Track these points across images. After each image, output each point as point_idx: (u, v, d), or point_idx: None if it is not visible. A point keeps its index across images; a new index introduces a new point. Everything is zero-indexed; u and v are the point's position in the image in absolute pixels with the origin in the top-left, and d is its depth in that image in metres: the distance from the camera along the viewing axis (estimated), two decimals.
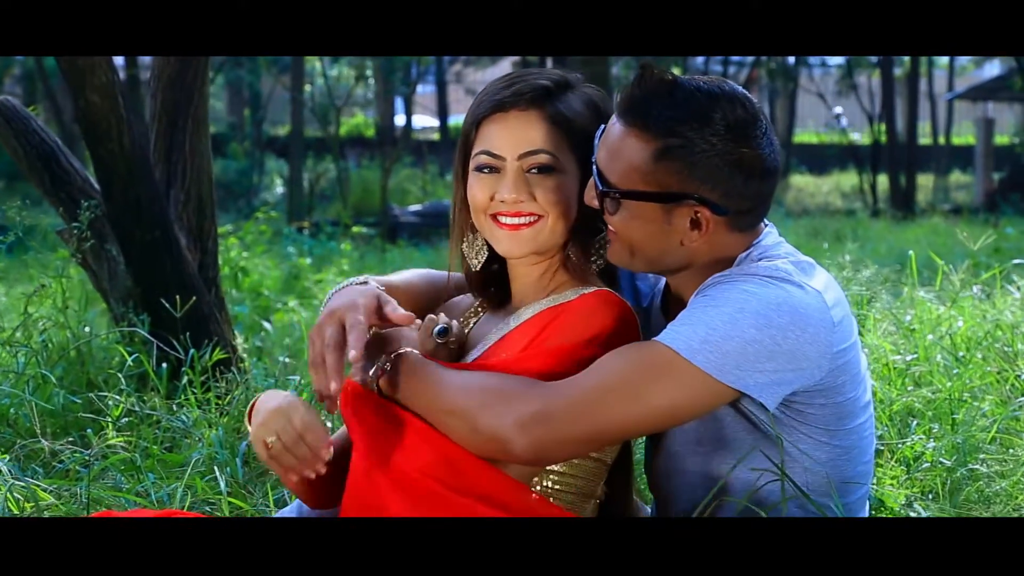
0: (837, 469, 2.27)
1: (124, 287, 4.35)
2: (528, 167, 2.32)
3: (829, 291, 2.21)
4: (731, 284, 2.17)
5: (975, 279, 5.16)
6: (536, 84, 2.33)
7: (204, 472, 3.17)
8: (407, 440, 2.20)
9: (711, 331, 2.10)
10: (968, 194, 27.76)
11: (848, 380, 2.23)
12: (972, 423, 3.38)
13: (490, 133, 2.35)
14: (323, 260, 11.53)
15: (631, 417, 2.12)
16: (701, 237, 2.23)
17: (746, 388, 2.12)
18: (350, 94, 22.09)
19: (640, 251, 2.27)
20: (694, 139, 2.17)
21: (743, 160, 2.19)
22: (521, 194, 2.32)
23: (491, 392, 2.16)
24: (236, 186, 23.03)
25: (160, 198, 4.33)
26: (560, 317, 2.28)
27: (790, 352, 2.11)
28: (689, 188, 2.19)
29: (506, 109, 2.33)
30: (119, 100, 4.07)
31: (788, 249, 2.29)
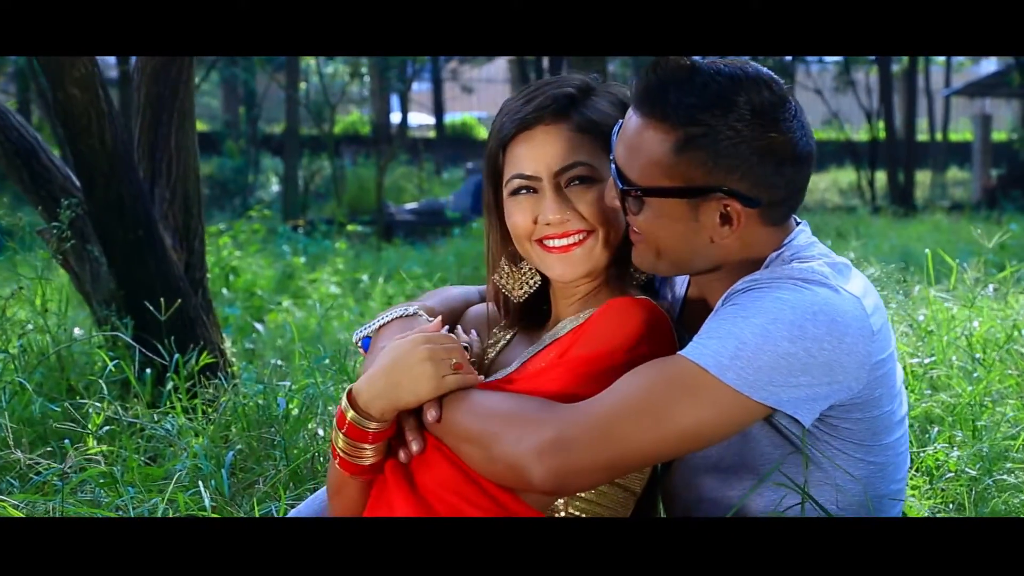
0: (871, 487, 2.10)
1: (107, 289, 4.17)
2: (567, 182, 2.17)
3: (868, 296, 2.04)
4: (762, 292, 2.00)
5: (988, 278, 5.00)
6: (557, 95, 2.18)
7: (188, 485, 3.00)
8: (427, 457, 2.09)
9: (742, 345, 1.93)
10: (966, 191, 27.66)
11: (885, 393, 2.06)
12: (995, 430, 3.21)
13: (519, 155, 2.20)
14: (318, 259, 11.42)
15: (655, 440, 1.95)
16: (732, 233, 2.07)
17: (779, 404, 1.95)
18: (344, 91, 21.91)
19: (667, 252, 2.11)
20: (718, 126, 2.00)
21: (772, 146, 2.02)
22: (566, 212, 2.17)
23: (507, 417, 2.00)
24: (232, 184, 22.93)
25: (144, 196, 4.15)
26: (584, 327, 2.13)
27: (826, 364, 1.95)
28: (716, 180, 2.02)
29: (531, 127, 2.19)
30: (99, 93, 3.90)
31: (822, 249, 2.12)
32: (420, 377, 2.04)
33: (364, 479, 2.17)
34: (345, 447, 2.11)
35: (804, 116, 2.08)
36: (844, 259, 2.11)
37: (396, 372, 2.05)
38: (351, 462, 2.13)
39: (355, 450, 2.11)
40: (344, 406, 2.09)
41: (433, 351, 2.06)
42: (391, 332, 2.24)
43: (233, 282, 8.31)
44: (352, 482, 2.18)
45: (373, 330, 2.32)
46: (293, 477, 3.12)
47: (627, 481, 2.13)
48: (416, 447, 2.08)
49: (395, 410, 2.07)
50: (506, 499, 2.03)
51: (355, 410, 2.08)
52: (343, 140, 27.21)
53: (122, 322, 4.05)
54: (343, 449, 2.12)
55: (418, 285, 8.49)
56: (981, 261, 5.51)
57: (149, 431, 3.38)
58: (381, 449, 2.12)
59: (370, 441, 2.10)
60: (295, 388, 3.64)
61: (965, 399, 3.39)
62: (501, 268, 2.33)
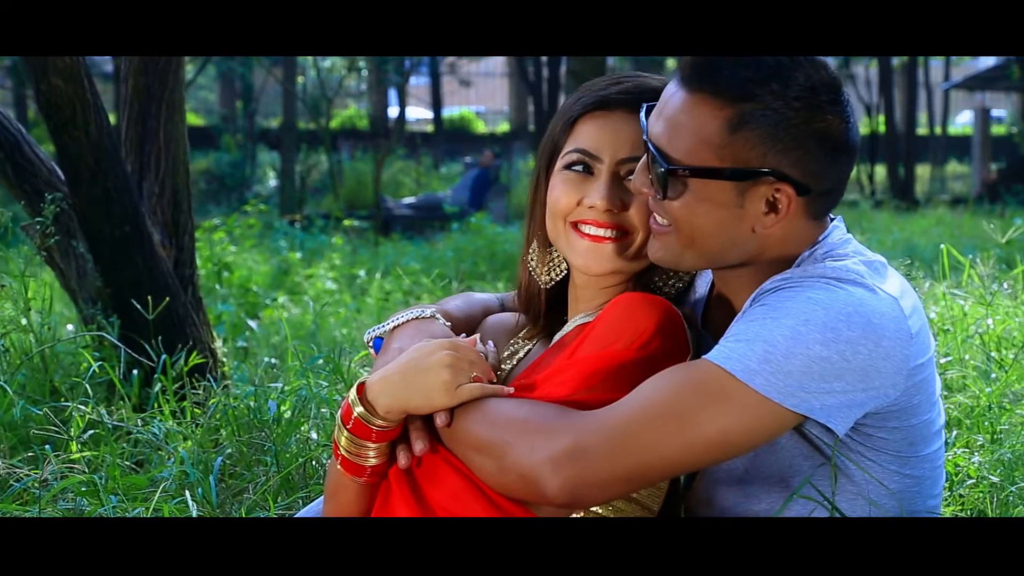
0: (907, 502, 1.96)
1: (93, 287, 4.03)
2: (627, 173, 2.04)
3: (905, 297, 1.90)
4: (793, 291, 1.86)
5: (1002, 275, 4.87)
6: (647, 86, 2.06)
7: (174, 493, 2.87)
8: (436, 469, 1.97)
9: (771, 348, 1.79)
10: (965, 184, 27.59)
11: (923, 400, 1.92)
12: (1016, 433, 3.08)
13: (588, 131, 2.08)
14: (314, 254, 11.31)
15: (679, 450, 1.81)
16: (777, 222, 1.93)
17: (812, 412, 1.80)
18: (342, 85, 21.79)
19: (701, 242, 1.95)
20: (775, 104, 1.86)
21: (828, 130, 1.89)
22: (614, 202, 2.04)
23: (520, 425, 1.86)
24: (229, 179, 22.88)
25: (131, 190, 4.01)
26: (592, 324, 2.00)
27: (862, 369, 1.81)
28: (769, 163, 1.88)
29: (611, 107, 2.06)
30: (84, 83, 3.75)
31: (856, 247, 1.98)
32: (435, 383, 1.93)
33: (364, 482, 2.04)
34: (348, 445, 2.00)
35: (853, 104, 1.96)
36: (880, 257, 1.98)
37: (412, 373, 1.94)
38: (353, 462, 2.01)
39: (358, 449, 1.99)
40: (352, 399, 1.97)
41: (455, 359, 1.94)
42: (406, 334, 2.13)
43: (227, 278, 8.18)
44: (352, 485, 2.06)
45: (386, 330, 2.20)
46: (284, 484, 2.99)
47: (644, 497, 2.00)
48: (419, 447, 1.95)
49: (403, 411, 1.95)
50: (518, 514, 1.91)
51: (363, 405, 1.96)
52: (340, 134, 27.13)
53: (108, 321, 3.92)
54: (346, 448, 2.00)
55: (415, 281, 8.38)
56: (990, 257, 5.37)
57: (135, 435, 3.25)
58: (384, 451, 2.00)
59: (374, 440, 1.98)
60: (287, 390, 3.50)
61: (984, 401, 3.27)
62: (533, 249, 2.22)
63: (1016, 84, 26.79)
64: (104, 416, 3.30)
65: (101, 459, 3.06)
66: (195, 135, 24.90)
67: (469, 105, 36.03)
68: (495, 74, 36.13)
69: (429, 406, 1.94)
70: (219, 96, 31.55)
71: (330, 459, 2.12)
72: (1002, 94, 33.82)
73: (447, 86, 34.62)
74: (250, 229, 11.04)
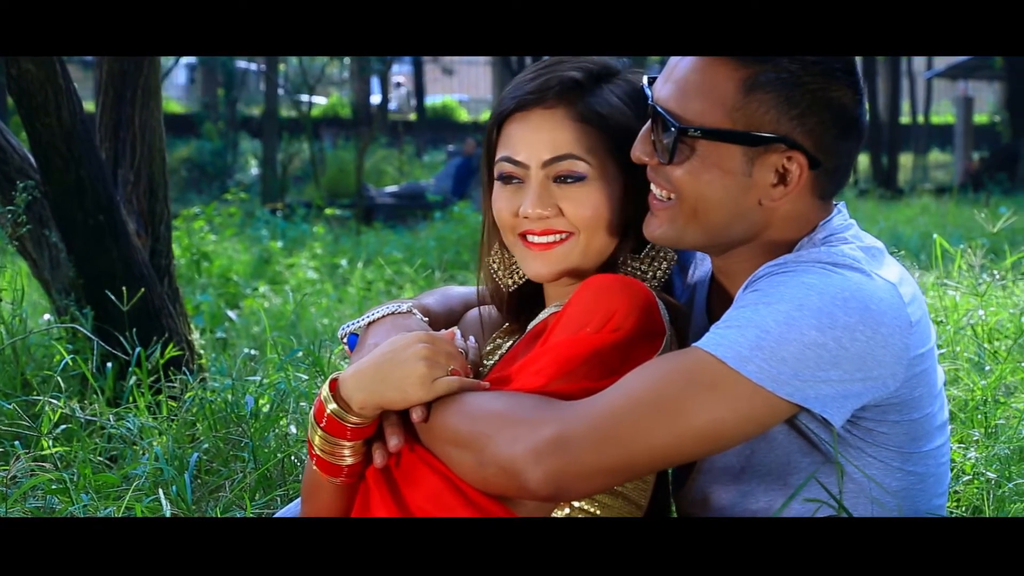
0: (910, 500, 1.89)
1: (66, 277, 3.93)
2: (555, 176, 1.97)
3: (904, 284, 1.83)
4: (787, 276, 1.79)
5: (992, 265, 4.81)
6: (564, 76, 1.98)
7: (148, 491, 2.78)
8: (413, 469, 1.90)
9: (763, 334, 1.72)
10: (947, 173, 27.63)
11: (925, 393, 1.85)
12: (1012, 428, 3.02)
13: (512, 136, 2.01)
14: (296, 243, 11.23)
15: (667, 441, 1.73)
16: (785, 195, 1.86)
17: (806, 402, 1.73)
18: (324, 73, 21.67)
19: (705, 214, 1.88)
20: (792, 67, 1.81)
21: (843, 101, 1.84)
22: (546, 208, 1.97)
23: (499, 417, 1.79)
24: (210, 167, 22.76)
25: (105, 178, 3.90)
26: (563, 311, 1.92)
27: (859, 356, 1.73)
28: (783, 129, 1.82)
29: (529, 107, 1.99)
30: (57, 68, 3.65)
31: (857, 232, 1.91)
32: (410, 376, 1.85)
33: (342, 483, 1.97)
34: (322, 444, 1.92)
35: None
36: (878, 243, 1.91)
37: (387, 367, 1.86)
38: (328, 462, 1.94)
39: (333, 448, 1.92)
40: (325, 396, 1.89)
41: (431, 352, 1.87)
42: (382, 329, 2.06)
43: (206, 268, 8.09)
44: (328, 486, 1.99)
45: (361, 326, 2.13)
46: (262, 481, 2.91)
47: (630, 491, 1.92)
48: (395, 442, 1.88)
49: (378, 406, 1.88)
50: (498, 513, 1.84)
51: (336, 402, 1.88)
52: (323, 123, 27.02)
53: (82, 312, 3.82)
54: (320, 447, 1.93)
55: (398, 270, 8.30)
56: (978, 247, 5.32)
57: (109, 430, 3.17)
58: (360, 450, 1.93)
59: (349, 438, 1.90)
60: (266, 383, 3.42)
61: (978, 394, 3.20)
62: (495, 252, 2.15)
63: (999, 73, 26.82)
64: (77, 411, 3.22)
65: (73, 455, 2.98)
66: (176, 123, 24.88)
67: (452, 93, 35.94)
68: (478, 62, 36.03)
69: (405, 400, 1.87)
70: (201, 84, 31.38)
71: (307, 464, 2.04)
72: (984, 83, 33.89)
73: (430, 74, 34.50)
74: (231, 218, 10.96)
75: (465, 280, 8.03)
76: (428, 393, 1.86)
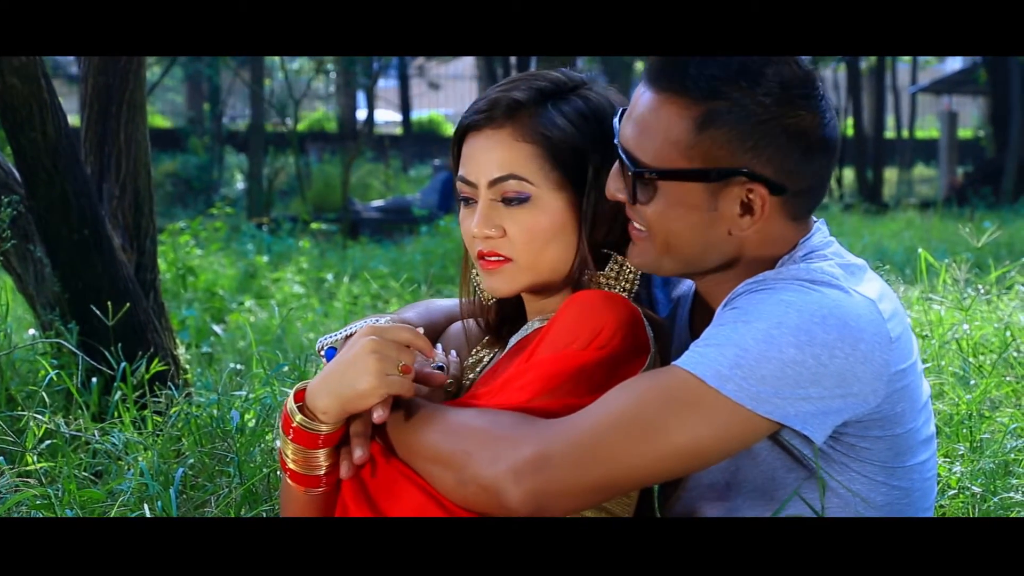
0: (896, 515, 1.89)
1: (51, 292, 3.92)
2: (501, 196, 1.97)
3: (884, 301, 1.84)
4: (765, 293, 1.80)
5: (977, 279, 4.83)
6: (511, 96, 1.97)
7: (133, 506, 2.77)
8: (393, 484, 1.88)
9: (743, 352, 1.72)
10: (932, 188, 27.72)
11: (908, 408, 1.85)
12: (997, 442, 3.02)
13: (465, 155, 2.02)
14: (282, 257, 11.20)
15: (647, 460, 1.73)
16: (753, 224, 1.86)
17: (786, 419, 1.73)
18: (309, 87, 21.66)
19: (677, 247, 1.89)
20: (743, 100, 1.80)
21: (802, 126, 1.82)
22: (491, 228, 1.97)
23: (480, 435, 1.78)
24: (196, 182, 22.72)
25: (90, 193, 3.89)
26: (548, 327, 1.91)
27: (838, 373, 1.74)
28: (740, 162, 1.81)
29: (480, 127, 1.99)
30: (42, 83, 3.64)
31: (837, 249, 1.92)
32: (362, 370, 1.83)
33: (322, 492, 1.96)
34: (295, 456, 1.91)
35: (830, 98, 1.89)
36: (860, 260, 1.91)
37: (341, 367, 1.85)
38: (303, 474, 1.93)
39: (306, 458, 1.91)
40: (291, 408, 1.88)
41: (377, 344, 1.85)
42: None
43: (192, 282, 8.07)
44: (304, 498, 1.97)
45: (339, 340, 2.11)
46: (248, 496, 2.90)
47: (615, 507, 1.92)
48: (358, 454, 1.87)
49: (340, 409, 1.86)
50: None
51: (303, 412, 1.87)
52: (309, 137, 27.00)
53: (67, 327, 3.81)
54: (293, 460, 1.92)
55: (384, 284, 8.29)
56: (963, 261, 5.33)
57: (94, 445, 3.16)
58: (332, 456, 1.92)
59: (320, 446, 1.89)
60: (251, 398, 3.41)
61: (963, 408, 3.21)
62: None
63: (983, 88, 26.92)
64: (61, 426, 3.20)
65: (58, 470, 2.97)
66: (162, 137, 24.85)
67: (438, 108, 35.95)
68: (464, 77, 36.04)
69: (359, 396, 1.84)
70: (186, 98, 31.34)
71: (282, 481, 2.03)
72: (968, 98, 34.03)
73: (416, 88, 34.50)
74: (216, 232, 10.93)
75: (451, 295, 8.03)
76: (380, 385, 1.84)
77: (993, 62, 23.63)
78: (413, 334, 1.91)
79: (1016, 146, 21.86)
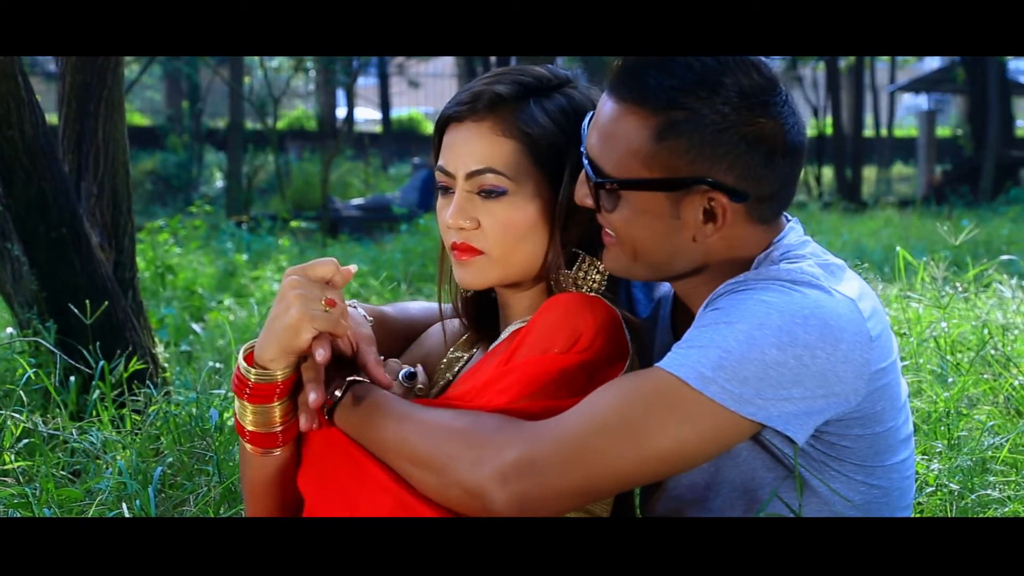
0: (874, 514, 1.89)
1: (29, 290, 3.90)
2: (477, 189, 1.96)
3: (864, 300, 1.84)
4: (746, 294, 1.79)
5: (955, 277, 4.85)
6: (494, 90, 1.96)
7: (111, 505, 2.76)
8: (363, 486, 1.86)
9: (725, 354, 1.72)
10: (910, 186, 27.83)
11: (888, 406, 1.85)
12: (975, 439, 3.04)
13: (445, 146, 2.01)
14: (261, 256, 11.17)
15: (632, 462, 1.73)
16: (716, 231, 1.86)
17: (769, 420, 1.74)
18: (289, 85, 21.61)
19: (645, 254, 1.89)
20: (702, 110, 1.79)
21: (762, 133, 1.82)
22: (466, 220, 1.97)
23: (463, 437, 1.77)
24: (175, 180, 22.65)
25: (68, 191, 3.88)
26: (527, 329, 1.91)
27: (820, 374, 1.74)
28: (700, 171, 1.81)
29: (462, 118, 1.98)
30: (19, 81, 3.62)
31: (814, 248, 1.92)
32: (287, 306, 1.85)
33: (275, 453, 1.96)
34: (252, 415, 1.92)
35: (795, 103, 1.88)
36: (838, 260, 1.91)
37: (273, 311, 1.88)
38: (259, 432, 1.94)
39: (262, 416, 1.92)
40: (243, 368, 1.89)
41: (299, 281, 1.87)
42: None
43: (171, 281, 8.04)
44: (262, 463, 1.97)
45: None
46: (227, 495, 2.90)
47: (594, 506, 1.92)
48: (312, 397, 1.87)
49: (281, 350, 1.86)
50: None
51: (252, 367, 1.89)
52: (288, 135, 26.94)
53: (45, 326, 3.80)
54: (250, 419, 1.93)
55: (363, 283, 8.27)
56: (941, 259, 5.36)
57: (72, 444, 3.15)
58: (287, 411, 1.93)
59: (276, 396, 1.90)
60: (230, 396, 3.40)
61: (941, 406, 3.22)
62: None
63: (961, 87, 27.05)
64: (39, 424, 3.19)
65: (36, 469, 2.96)
66: (141, 135, 24.77)
67: (418, 106, 35.92)
68: (444, 75, 36.02)
69: (291, 331, 1.85)
70: (165, 96, 31.24)
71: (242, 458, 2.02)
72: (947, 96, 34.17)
73: (395, 87, 34.45)
74: (196, 230, 10.90)
75: (431, 293, 8.02)
76: (305, 316, 1.85)
77: (971, 61, 23.75)
78: (333, 267, 1.92)
79: (994, 145, 21.99)
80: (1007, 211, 16.14)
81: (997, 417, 3.24)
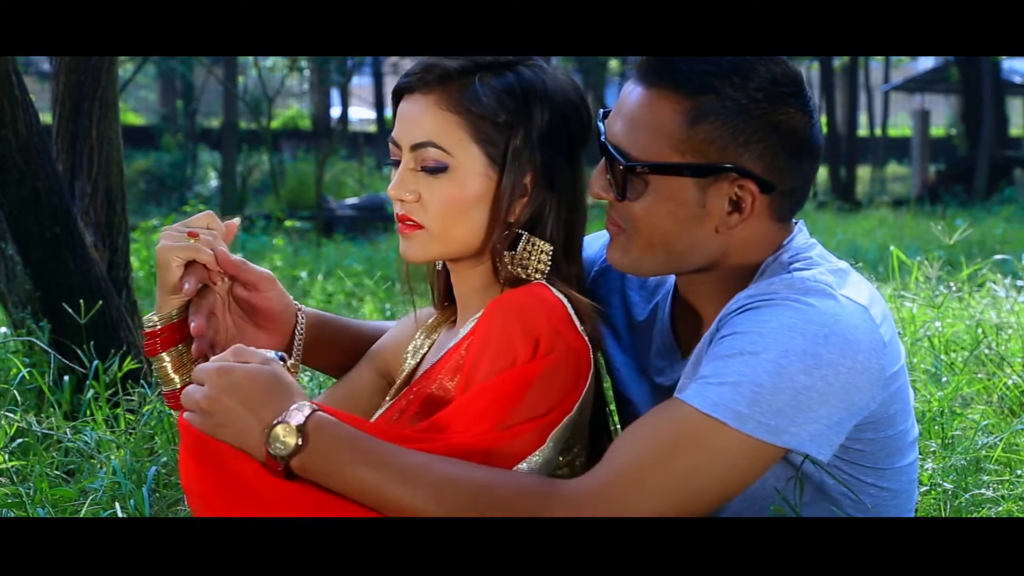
0: (882, 516, 1.90)
1: (23, 290, 3.89)
2: (420, 162, 1.96)
3: (875, 305, 1.83)
4: (764, 313, 1.77)
5: (949, 276, 4.86)
6: (443, 65, 1.95)
7: (105, 505, 2.76)
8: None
9: (759, 388, 1.70)
10: (905, 186, 27.87)
11: (900, 409, 1.86)
12: (969, 438, 3.04)
13: (397, 116, 2.01)
14: (256, 255, 11.16)
15: (674, 508, 1.71)
16: (741, 222, 1.85)
17: (801, 445, 1.73)
18: (283, 85, 21.60)
19: (662, 244, 1.88)
20: (735, 95, 1.80)
21: (792, 124, 1.83)
22: (407, 192, 1.97)
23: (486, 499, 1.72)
24: (169, 179, 22.66)
25: (62, 190, 3.87)
26: (474, 346, 1.87)
27: (842, 388, 1.73)
28: (731, 157, 1.81)
29: (412, 90, 1.98)
30: (13, 80, 3.62)
31: (822, 252, 1.91)
32: (161, 249, 1.97)
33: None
34: (156, 374, 2.06)
35: (816, 103, 1.90)
36: (844, 263, 1.91)
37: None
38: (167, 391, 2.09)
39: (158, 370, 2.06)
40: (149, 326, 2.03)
41: (167, 230, 2.02)
42: None
43: None
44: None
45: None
46: None
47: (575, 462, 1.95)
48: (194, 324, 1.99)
49: (159, 292, 2.00)
50: None
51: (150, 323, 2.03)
52: (283, 134, 26.95)
53: (39, 325, 3.79)
54: (156, 377, 2.07)
55: (358, 282, 8.28)
56: (935, 259, 5.37)
57: (66, 444, 3.14)
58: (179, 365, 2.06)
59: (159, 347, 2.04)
60: None
61: (935, 405, 3.23)
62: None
63: (955, 86, 27.09)
64: (33, 424, 3.19)
65: (29, 469, 2.95)
66: (135, 135, 24.77)
67: None
68: None
69: (165, 267, 1.98)
70: (159, 95, 31.24)
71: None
72: (941, 96, 34.23)
73: (389, 86, 34.45)
74: None
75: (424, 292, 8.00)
76: (169, 248, 1.96)
77: (965, 61, 23.78)
78: (207, 218, 2.05)
79: (988, 144, 22.02)
80: (1001, 211, 16.18)
81: (991, 416, 3.25)
